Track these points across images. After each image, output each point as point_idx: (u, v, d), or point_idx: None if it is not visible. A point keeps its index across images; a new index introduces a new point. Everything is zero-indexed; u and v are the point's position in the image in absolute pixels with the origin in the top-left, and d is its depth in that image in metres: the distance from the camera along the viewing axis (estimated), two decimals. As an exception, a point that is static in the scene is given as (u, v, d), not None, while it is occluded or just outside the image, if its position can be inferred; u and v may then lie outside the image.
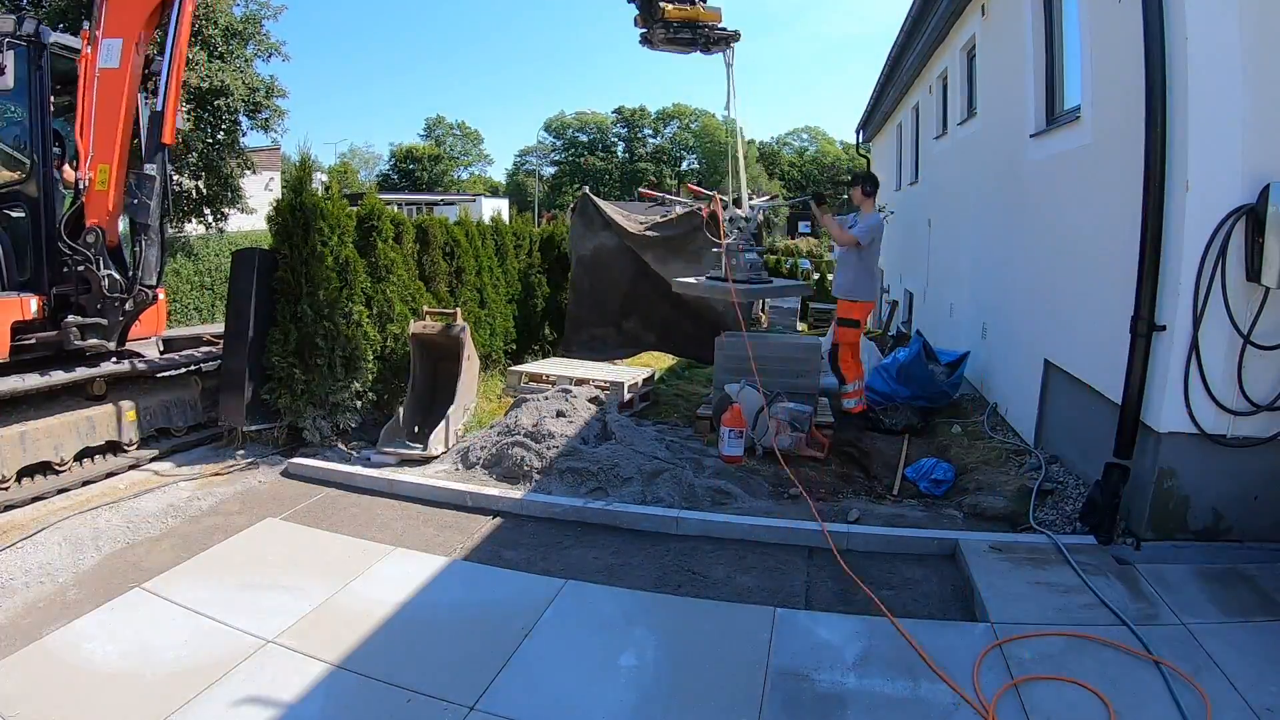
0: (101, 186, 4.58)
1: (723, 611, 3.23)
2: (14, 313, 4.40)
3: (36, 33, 4.49)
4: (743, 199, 6.11)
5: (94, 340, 4.75)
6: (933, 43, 8.92)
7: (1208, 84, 3.26)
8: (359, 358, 5.28)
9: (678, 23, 5.24)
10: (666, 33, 5.25)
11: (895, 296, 12.25)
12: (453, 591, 3.41)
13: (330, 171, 48.52)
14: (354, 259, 5.42)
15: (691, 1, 5.33)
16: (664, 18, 5.12)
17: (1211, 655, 2.72)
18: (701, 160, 68.20)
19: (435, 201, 34.20)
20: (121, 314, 4.84)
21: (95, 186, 4.57)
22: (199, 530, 4.04)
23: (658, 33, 5.24)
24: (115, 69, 4.48)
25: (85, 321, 4.68)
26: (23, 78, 4.44)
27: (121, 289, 4.73)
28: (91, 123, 4.49)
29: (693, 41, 5.43)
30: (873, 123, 14.98)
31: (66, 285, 4.71)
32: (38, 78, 4.52)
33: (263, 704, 2.56)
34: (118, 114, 4.52)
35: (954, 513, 4.22)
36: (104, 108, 4.50)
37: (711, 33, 5.42)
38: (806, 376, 5.62)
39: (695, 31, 5.36)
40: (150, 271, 4.83)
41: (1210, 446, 3.45)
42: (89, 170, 4.53)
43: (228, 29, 12.63)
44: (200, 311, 13.78)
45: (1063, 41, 5.19)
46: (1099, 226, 4.18)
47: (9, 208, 4.59)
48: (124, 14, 4.49)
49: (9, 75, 4.24)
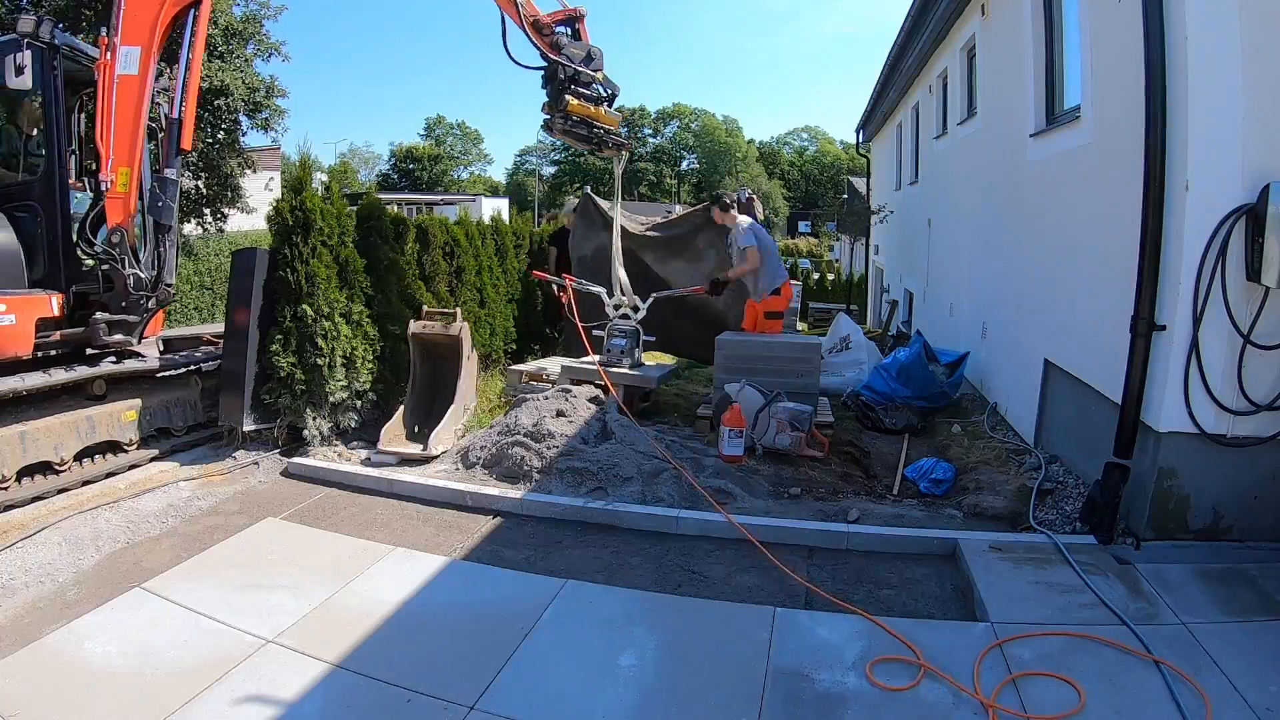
0: (122, 189, 4.69)
1: (723, 611, 3.23)
2: (41, 309, 4.53)
3: (51, 35, 4.58)
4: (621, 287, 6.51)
5: (119, 337, 4.91)
6: (933, 42, 8.92)
7: (1208, 84, 3.26)
8: (359, 358, 5.28)
9: (577, 117, 5.62)
10: (565, 124, 5.65)
11: (895, 296, 12.25)
12: (453, 591, 3.41)
13: (330, 171, 48.57)
14: (354, 259, 5.42)
15: (596, 104, 5.73)
16: (566, 110, 5.52)
17: (1211, 655, 2.71)
18: (701, 160, 68.25)
19: (435, 201, 34.22)
20: (145, 310, 5.00)
21: (116, 189, 4.68)
22: (199, 530, 4.05)
23: (558, 121, 5.63)
24: (134, 75, 4.59)
25: (114, 318, 4.84)
26: (39, 79, 4.53)
27: (147, 287, 4.88)
28: (111, 128, 4.59)
29: (588, 139, 5.87)
30: (873, 122, 14.98)
31: (86, 284, 4.84)
32: (52, 79, 4.61)
33: (263, 703, 2.56)
34: (136, 119, 4.64)
35: (954, 512, 4.22)
36: (123, 113, 4.60)
37: (607, 135, 5.90)
38: (806, 376, 5.62)
39: (591, 130, 5.77)
40: (171, 270, 5.00)
41: (1210, 446, 3.45)
42: (110, 173, 4.64)
43: (228, 29, 12.63)
44: (200, 311, 13.79)
45: (1063, 41, 5.19)
46: (1099, 226, 4.18)
47: (27, 207, 4.68)
48: (141, 22, 4.59)
49: (28, 75, 4.33)
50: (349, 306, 5.26)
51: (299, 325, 5.07)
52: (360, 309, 5.36)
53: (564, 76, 5.47)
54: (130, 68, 4.57)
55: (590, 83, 5.66)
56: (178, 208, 4.94)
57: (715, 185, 62.46)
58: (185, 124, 4.82)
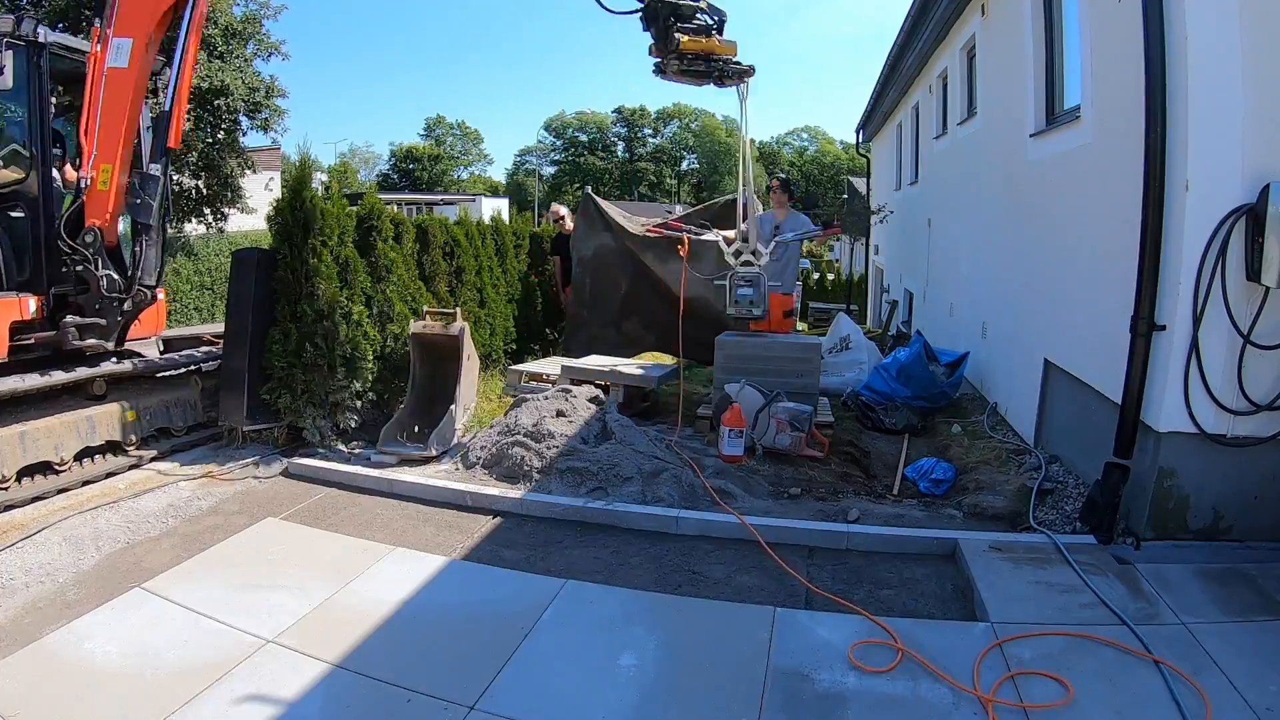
0: (103, 186, 4.53)
1: (722, 611, 3.23)
2: (12, 313, 4.38)
3: (35, 32, 4.46)
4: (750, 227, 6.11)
5: (92, 340, 4.72)
6: (933, 42, 8.92)
7: (1208, 83, 3.26)
8: (359, 358, 5.28)
9: (693, 54, 5.22)
10: (681, 64, 5.24)
11: (895, 296, 12.25)
12: (453, 591, 3.41)
13: (330, 171, 48.54)
14: (354, 259, 5.42)
15: (707, 34, 5.29)
16: (679, 50, 5.13)
17: (1211, 655, 2.71)
18: (702, 160, 68.26)
19: (435, 201, 34.25)
20: (120, 314, 4.83)
21: (97, 186, 4.53)
22: (199, 530, 4.05)
23: (672, 63, 5.23)
24: (124, 69, 4.45)
25: (84, 321, 4.66)
26: (22, 77, 4.40)
27: (120, 289, 4.72)
28: (97, 122, 4.46)
29: (707, 74, 5.41)
30: (873, 122, 14.98)
31: (65, 285, 4.71)
32: (37, 78, 4.49)
33: (263, 703, 2.56)
34: (123, 114, 4.50)
35: (954, 512, 4.22)
36: (110, 107, 4.46)
37: (726, 66, 5.41)
38: (806, 376, 5.62)
39: (709, 64, 5.34)
40: (150, 272, 4.82)
41: (1210, 446, 3.45)
42: (91, 169, 4.50)
43: (228, 29, 12.65)
44: (200, 311, 13.79)
45: (1063, 41, 5.19)
46: (1099, 226, 4.18)
47: (9, 208, 4.58)
48: (136, 13, 4.45)
49: (8, 75, 4.20)
50: (349, 306, 5.26)
51: (299, 325, 5.07)
52: (360, 309, 5.36)
53: (666, 12, 5.07)
54: (121, 60, 4.42)
55: (694, 13, 5.18)
56: (159, 207, 4.76)
57: (715, 185, 62.52)
58: (174, 121, 4.63)
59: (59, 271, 4.66)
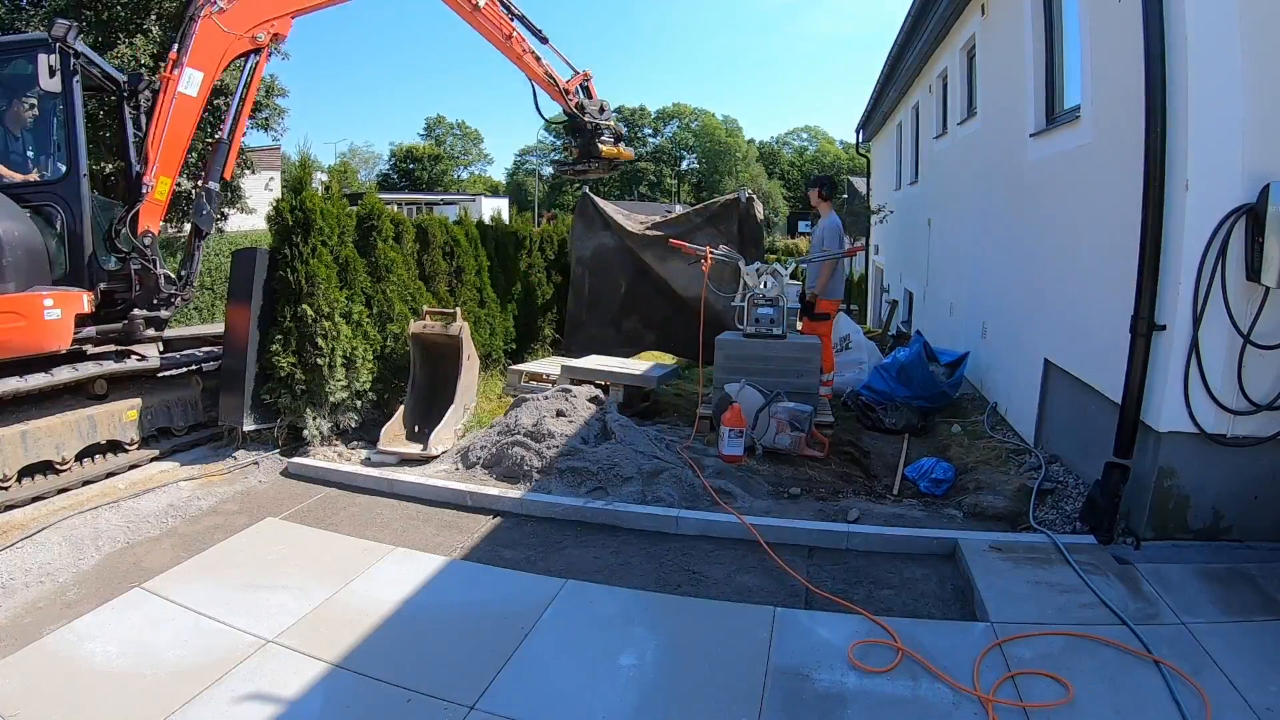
0: (160, 196, 5.02)
1: (722, 611, 3.23)
2: (77, 305, 4.69)
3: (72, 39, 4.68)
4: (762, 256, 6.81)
5: (152, 331, 5.28)
6: (933, 42, 8.92)
7: (1208, 84, 3.26)
8: (359, 358, 5.28)
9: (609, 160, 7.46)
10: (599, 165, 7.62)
11: (895, 296, 12.25)
12: (453, 591, 3.41)
13: (330, 171, 48.43)
14: (354, 259, 5.42)
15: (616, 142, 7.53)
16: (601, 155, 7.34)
17: (1211, 655, 2.71)
18: (701, 160, 68.25)
19: (435, 201, 34.26)
20: (175, 307, 5.37)
21: (155, 195, 5.01)
22: (199, 530, 4.05)
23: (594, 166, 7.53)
24: (192, 97, 5.01)
25: (149, 315, 5.19)
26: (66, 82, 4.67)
27: (179, 285, 5.27)
28: (163, 137, 4.91)
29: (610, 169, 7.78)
30: (873, 122, 14.97)
31: (112, 283, 5.06)
32: (71, 84, 4.70)
33: (263, 703, 2.57)
34: (185, 136, 5.05)
35: (954, 512, 4.22)
36: (175, 127, 4.98)
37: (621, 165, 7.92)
38: (806, 376, 5.61)
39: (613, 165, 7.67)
40: (196, 273, 5.47)
41: (1210, 446, 3.45)
42: (152, 179, 4.95)
43: (228, 29, 12.61)
44: (200, 311, 13.75)
45: (1063, 41, 5.19)
46: (1099, 226, 4.18)
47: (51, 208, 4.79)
48: (210, 51, 5.02)
49: (56, 79, 4.54)
50: (349, 306, 5.26)
51: (299, 325, 5.07)
52: (360, 309, 5.36)
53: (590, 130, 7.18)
54: (191, 89, 4.98)
55: (607, 129, 7.35)
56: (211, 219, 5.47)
57: (715, 185, 62.47)
58: (231, 153, 5.31)
59: (100, 269, 4.96)
